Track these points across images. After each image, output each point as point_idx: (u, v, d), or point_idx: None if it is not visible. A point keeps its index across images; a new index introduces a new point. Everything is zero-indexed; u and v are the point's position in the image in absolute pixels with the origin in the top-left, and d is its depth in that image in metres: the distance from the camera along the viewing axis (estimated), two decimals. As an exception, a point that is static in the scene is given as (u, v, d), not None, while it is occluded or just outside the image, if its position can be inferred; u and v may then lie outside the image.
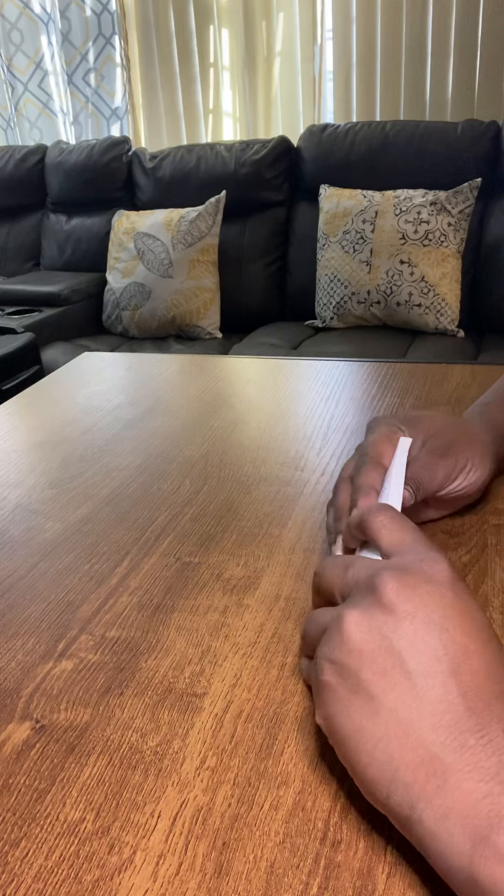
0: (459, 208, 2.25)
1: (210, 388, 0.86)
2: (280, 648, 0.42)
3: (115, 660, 0.42)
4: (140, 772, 0.35)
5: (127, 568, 0.51)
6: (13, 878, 0.30)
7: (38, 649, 0.43)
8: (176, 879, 0.30)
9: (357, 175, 2.45)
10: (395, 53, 2.69)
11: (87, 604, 0.47)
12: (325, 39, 2.78)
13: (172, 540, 0.54)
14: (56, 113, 3.25)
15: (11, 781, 0.35)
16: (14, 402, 0.85)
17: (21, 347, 2.18)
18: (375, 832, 0.31)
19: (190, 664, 0.42)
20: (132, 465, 0.67)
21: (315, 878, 0.29)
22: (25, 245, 2.96)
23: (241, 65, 2.93)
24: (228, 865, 0.30)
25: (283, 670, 0.41)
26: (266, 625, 0.44)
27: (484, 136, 2.36)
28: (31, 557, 0.53)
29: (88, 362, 0.99)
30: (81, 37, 3.05)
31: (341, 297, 2.37)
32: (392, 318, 2.33)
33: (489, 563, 0.49)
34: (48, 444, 0.73)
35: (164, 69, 3.02)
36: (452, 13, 2.58)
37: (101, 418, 0.78)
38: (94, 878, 0.30)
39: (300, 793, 0.33)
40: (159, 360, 0.99)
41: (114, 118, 3.16)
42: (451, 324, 2.27)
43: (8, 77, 3.23)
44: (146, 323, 2.55)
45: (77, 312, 2.62)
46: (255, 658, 0.42)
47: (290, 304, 2.62)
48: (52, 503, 0.61)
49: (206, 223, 2.47)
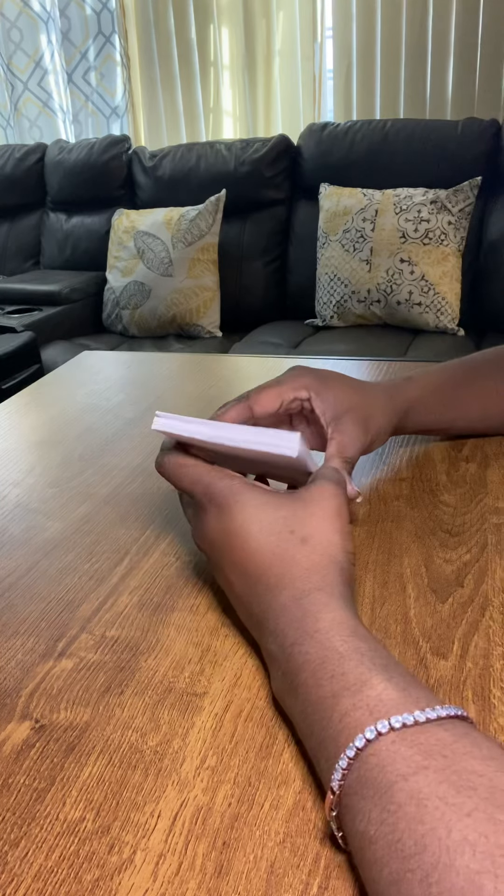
0: (460, 207, 2.25)
1: (210, 387, 0.85)
2: (280, 648, 0.42)
3: (115, 659, 0.42)
4: (140, 771, 0.35)
5: (127, 567, 0.51)
6: (13, 877, 0.30)
7: (37, 649, 0.43)
8: (176, 879, 0.30)
9: (357, 173, 2.45)
10: (395, 51, 2.69)
11: (86, 603, 0.47)
12: (326, 38, 2.78)
13: (172, 539, 0.54)
14: (56, 111, 3.25)
15: (11, 781, 0.35)
16: (14, 401, 0.85)
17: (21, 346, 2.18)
18: (376, 832, 0.31)
19: (190, 664, 0.41)
20: (132, 464, 0.67)
21: (315, 877, 0.29)
22: (25, 244, 2.96)
23: (241, 63, 2.93)
24: (228, 865, 0.30)
25: (283, 670, 0.40)
26: (266, 624, 0.44)
27: (484, 135, 2.36)
28: (30, 556, 0.53)
29: (88, 361, 0.99)
30: (81, 35, 3.05)
31: (341, 295, 2.37)
32: (392, 317, 2.33)
33: (489, 563, 0.49)
34: (48, 443, 0.73)
35: (164, 67, 3.02)
36: (452, 11, 2.58)
37: (101, 417, 0.78)
38: (94, 877, 0.30)
39: (300, 792, 0.33)
40: (159, 359, 0.99)
41: (114, 117, 3.15)
42: (451, 322, 2.27)
43: (7, 76, 3.22)
44: (146, 322, 2.54)
45: (77, 311, 2.62)
46: (255, 657, 0.42)
47: (291, 302, 2.62)
48: (52, 502, 0.61)
49: (206, 222, 2.47)
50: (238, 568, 0.40)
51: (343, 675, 0.32)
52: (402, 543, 0.52)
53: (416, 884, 0.24)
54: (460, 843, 0.24)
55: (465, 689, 0.38)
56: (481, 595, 0.46)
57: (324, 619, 0.35)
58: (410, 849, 0.25)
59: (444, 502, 0.57)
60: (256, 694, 0.39)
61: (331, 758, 0.30)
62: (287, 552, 0.39)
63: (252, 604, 0.39)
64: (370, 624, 0.44)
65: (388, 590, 0.47)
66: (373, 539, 0.53)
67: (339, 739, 0.30)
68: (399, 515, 0.56)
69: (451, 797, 0.25)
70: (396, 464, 0.64)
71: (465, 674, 0.39)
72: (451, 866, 0.24)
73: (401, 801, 0.26)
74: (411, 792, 0.26)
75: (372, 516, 0.56)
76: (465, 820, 0.24)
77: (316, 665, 0.33)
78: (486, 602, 0.45)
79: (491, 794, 0.25)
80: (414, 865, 0.24)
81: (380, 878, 0.26)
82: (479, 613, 0.44)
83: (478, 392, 0.63)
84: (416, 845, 0.25)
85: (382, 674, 0.31)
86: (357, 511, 0.57)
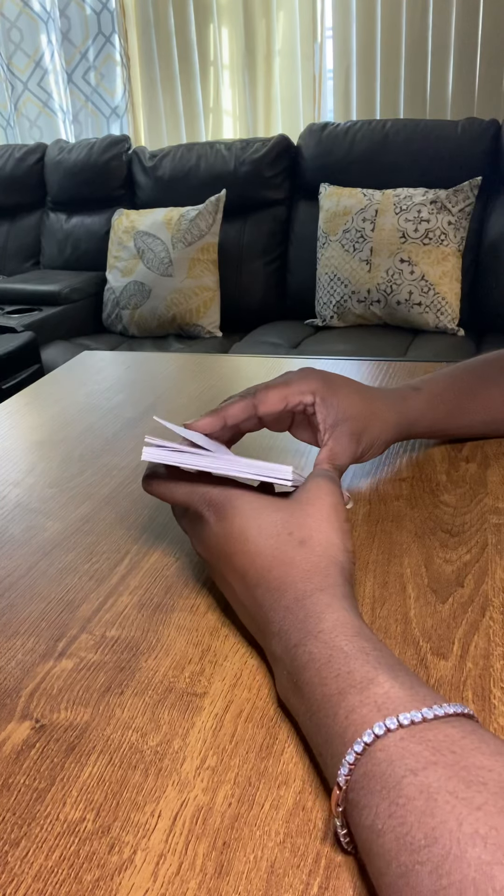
0: (460, 207, 2.25)
1: (210, 387, 0.85)
2: (280, 648, 0.42)
3: (115, 659, 0.42)
4: (140, 771, 0.35)
5: (127, 567, 0.51)
6: (13, 877, 0.30)
7: (38, 649, 0.43)
8: (176, 879, 0.30)
9: (357, 173, 2.45)
10: (396, 51, 2.69)
11: (87, 603, 0.47)
12: (325, 38, 2.78)
13: (172, 539, 0.54)
14: (56, 111, 3.25)
15: (11, 781, 0.35)
16: (14, 401, 0.85)
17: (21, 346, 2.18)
18: (376, 832, 0.31)
19: (190, 664, 0.41)
20: (132, 463, 0.67)
21: (315, 877, 0.29)
22: (25, 244, 2.96)
23: (241, 63, 2.93)
24: (229, 865, 0.30)
25: (283, 670, 0.40)
26: (266, 624, 0.44)
27: (484, 135, 2.36)
28: (30, 556, 0.53)
29: (88, 361, 0.99)
30: (81, 35, 3.05)
31: (341, 295, 2.37)
32: (392, 317, 2.33)
33: (489, 563, 0.49)
34: (48, 443, 0.73)
35: (164, 67, 3.02)
36: (452, 11, 2.58)
37: (101, 417, 0.78)
38: (95, 877, 0.30)
39: (300, 792, 0.33)
40: (159, 359, 0.99)
41: (114, 117, 3.15)
42: (451, 322, 2.27)
43: (7, 76, 3.22)
44: (146, 322, 2.54)
45: (77, 311, 2.62)
46: (256, 657, 0.42)
47: (291, 302, 2.62)
48: (52, 502, 0.61)
49: (205, 222, 2.47)
50: (238, 572, 0.40)
51: (349, 673, 0.32)
52: (403, 543, 0.52)
53: (425, 875, 0.24)
54: (471, 835, 0.24)
55: (465, 690, 0.38)
56: (481, 595, 0.46)
57: (327, 619, 0.35)
58: (420, 841, 0.25)
59: (444, 502, 0.57)
60: (257, 694, 0.39)
61: (337, 754, 0.30)
62: (286, 554, 0.39)
63: (254, 607, 0.39)
64: (370, 624, 0.44)
65: (388, 590, 0.47)
66: (373, 539, 0.53)
67: (345, 735, 0.30)
68: (399, 515, 0.56)
69: (461, 791, 0.25)
70: (396, 464, 0.64)
71: (465, 674, 0.39)
72: (463, 857, 0.24)
73: (410, 795, 0.26)
74: (421, 786, 0.26)
75: (372, 516, 0.56)
76: (476, 813, 0.25)
77: (321, 664, 0.33)
78: (486, 602, 0.45)
79: (501, 789, 0.25)
80: (424, 858, 0.24)
81: (388, 871, 0.26)
82: (479, 613, 0.44)
83: (483, 400, 0.63)
84: (427, 838, 0.25)
85: (388, 672, 0.31)
86: (357, 511, 0.57)
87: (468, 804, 0.25)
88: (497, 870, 0.23)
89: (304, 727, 0.34)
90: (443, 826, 0.25)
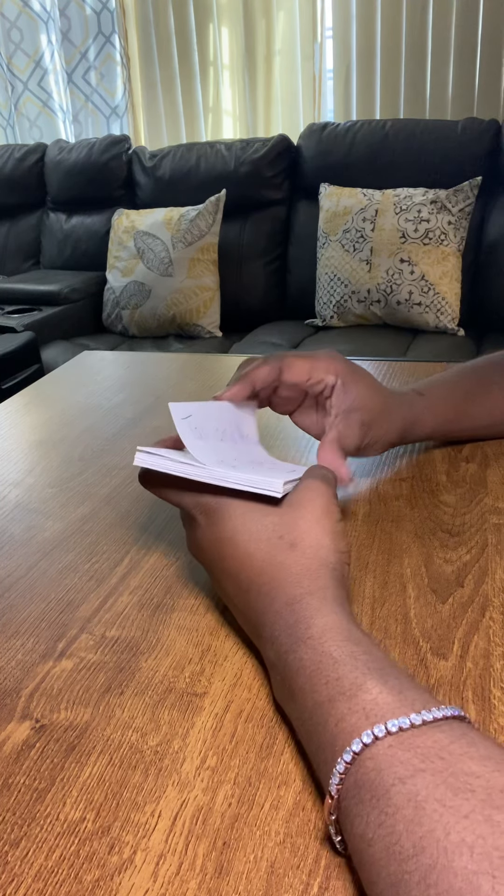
0: (460, 207, 2.25)
1: (210, 387, 0.85)
2: (280, 648, 0.42)
3: (115, 659, 0.42)
4: (140, 771, 0.35)
5: (127, 567, 0.51)
6: (13, 877, 0.30)
7: (37, 649, 0.43)
8: (176, 879, 0.30)
9: (357, 173, 2.45)
10: (396, 51, 2.69)
11: (87, 603, 0.47)
12: (325, 38, 2.78)
13: (172, 539, 0.54)
14: (56, 111, 3.25)
15: (11, 781, 0.35)
16: (14, 401, 0.85)
17: (21, 346, 2.18)
18: (376, 832, 0.31)
19: (190, 664, 0.41)
20: (132, 464, 0.67)
21: (315, 877, 0.29)
22: (25, 244, 2.96)
23: (241, 63, 2.93)
24: (229, 865, 0.30)
25: (283, 670, 0.40)
26: (266, 624, 0.44)
27: (484, 135, 2.36)
28: (30, 556, 0.53)
29: (88, 361, 0.99)
30: (81, 35, 3.05)
31: (341, 295, 2.37)
32: (392, 317, 2.33)
33: (489, 563, 0.49)
34: (48, 442, 0.73)
35: (164, 67, 3.02)
36: (452, 11, 2.58)
37: (101, 417, 0.78)
38: (95, 877, 0.30)
39: (300, 792, 0.33)
40: (159, 359, 0.99)
41: (114, 116, 3.15)
42: (451, 322, 2.27)
43: (7, 76, 3.22)
44: (146, 322, 2.54)
45: (77, 311, 2.62)
46: (256, 657, 0.42)
47: (291, 302, 2.62)
48: (52, 502, 0.61)
49: (205, 222, 2.47)
50: (231, 576, 0.40)
51: (338, 679, 0.32)
52: (402, 543, 0.52)
53: (413, 885, 0.24)
54: (458, 844, 0.24)
55: (465, 690, 0.38)
56: (481, 595, 0.46)
57: (315, 624, 0.35)
58: (408, 851, 0.25)
59: (444, 502, 0.57)
60: (256, 694, 0.39)
61: (328, 762, 0.30)
62: (276, 558, 0.39)
63: (247, 611, 0.39)
64: (370, 624, 0.44)
65: (388, 590, 0.47)
66: (373, 539, 0.53)
67: (335, 744, 0.30)
68: (399, 515, 0.56)
69: (448, 799, 0.25)
70: (396, 464, 0.64)
71: (465, 674, 0.39)
72: (449, 867, 0.24)
73: (398, 804, 0.26)
74: (409, 795, 0.26)
75: (372, 516, 0.56)
76: (463, 822, 0.25)
77: (311, 670, 0.33)
78: (486, 602, 0.45)
79: (488, 796, 0.25)
80: (412, 867, 0.24)
81: (378, 880, 0.26)
82: (479, 613, 0.44)
83: (486, 404, 0.63)
84: (415, 847, 0.25)
85: (378, 677, 0.31)
86: (357, 511, 0.57)
87: (455, 812, 0.25)
88: (483, 879, 0.23)
89: (298, 733, 0.34)
90: (430, 835, 0.25)
